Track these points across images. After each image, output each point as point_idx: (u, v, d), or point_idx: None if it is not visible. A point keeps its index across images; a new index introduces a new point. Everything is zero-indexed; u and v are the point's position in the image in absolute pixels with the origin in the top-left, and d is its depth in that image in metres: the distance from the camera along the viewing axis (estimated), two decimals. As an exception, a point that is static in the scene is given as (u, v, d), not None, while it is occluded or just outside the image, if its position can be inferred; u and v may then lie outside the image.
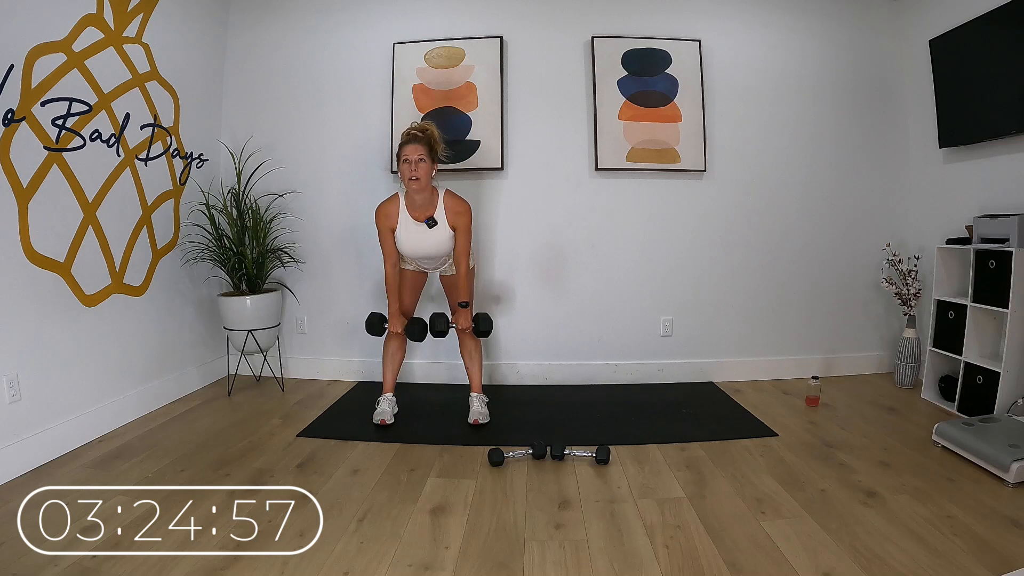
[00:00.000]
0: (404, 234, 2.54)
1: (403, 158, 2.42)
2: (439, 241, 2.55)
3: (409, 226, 2.53)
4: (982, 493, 1.91)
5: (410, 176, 2.40)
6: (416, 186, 2.42)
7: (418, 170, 2.40)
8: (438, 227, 2.52)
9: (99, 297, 2.49)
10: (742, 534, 1.70)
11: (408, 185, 2.44)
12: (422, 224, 2.52)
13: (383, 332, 2.69)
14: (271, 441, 2.44)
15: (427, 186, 2.47)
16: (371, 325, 2.68)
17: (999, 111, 2.62)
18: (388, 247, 2.57)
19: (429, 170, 2.44)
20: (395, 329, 2.62)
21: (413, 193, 2.47)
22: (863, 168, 3.30)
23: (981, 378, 2.53)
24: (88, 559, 1.56)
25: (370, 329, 2.69)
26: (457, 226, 2.54)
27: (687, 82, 3.17)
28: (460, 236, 2.55)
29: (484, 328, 2.71)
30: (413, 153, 2.40)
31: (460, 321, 2.64)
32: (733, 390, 3.13)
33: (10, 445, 2.06)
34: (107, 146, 2.51)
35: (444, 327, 2.62)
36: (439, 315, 2.64)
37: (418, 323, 2.63)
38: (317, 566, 1.55)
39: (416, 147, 2.40)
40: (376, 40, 3.23)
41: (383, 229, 2.55)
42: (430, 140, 2.46)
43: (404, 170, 2.42)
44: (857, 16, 3.26)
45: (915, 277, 3.10)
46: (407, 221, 2.53)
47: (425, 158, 2.41)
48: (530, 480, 2.08)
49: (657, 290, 3.28)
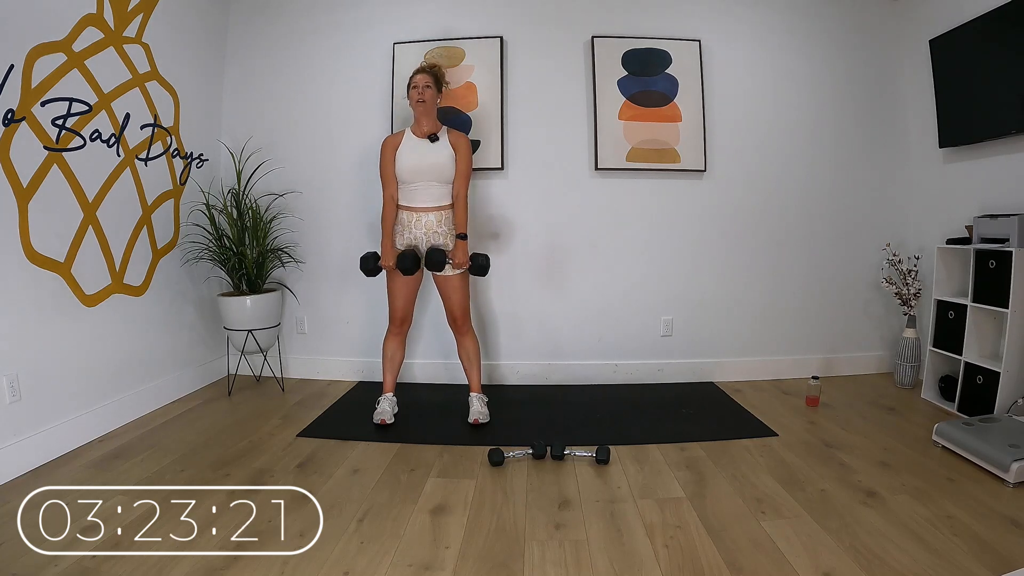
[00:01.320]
0: (406, 150, 2.59)
1: (412, 85, 2.60)
2: (439, 156, 2.58)
3: (411, 142, 2.61)
4: (982, 493, 1.91)
5: (417, 99, 2.57)
6: (422, 108, 2.58)
7: (424, 94, 2.57)
8: (440, 143, 2.61)
9: (99, 297, 2.49)
10: (742, 534, 1.70)
11: (415, 108, 2.60)
12: (424, 140, 2.60)
13: (377, 270, 2.65)
14: (271, 441, 2.44)
15: (432, 111, 2.61)
16: (365, 262, 2.65)
17: (999, 111, 2.62)
18: (388, 172, 2.61)
19: (435, 97, 2.61)
20: (387, 262, 2.59)
21: (420, 115, 2.61)
22: (863, 168, 3.30)
23: (981, 378, 2.53)
24: (88, 559, 1.56)
25: (364, 266, 2.66)
26: (458, 147, 2.62)
27: (687, 82, 3.17)
28: (460, 158, 2.62)
29: (482, 263, 2.66)
30: (421, 81, 2.59)
31: (457, 255, 2.59)
32: (733, 390, 3.13)
33: (10, 445, 2.06)
34: (107, 146, 2.51)
35: (441, 259, 2.54)
36: (436, 248, 2.57)
37: (411, 255, 2.55)
38: (317, 566, 1.55)
39: (424, 76, 2.60)
40: (376, 40, 3.23)
41: (386, 152, 2.62)
42: (437, 74, 2.65)
43: (412, 95, 2.59)
44: (857, 16, 3.26)
45: (915, 277, 3.10)
46: (411, 139, 2.62)
47: (431, 86, 2.59)
48: (530, 480, 2.09)
49: (657, 290, 3.28)
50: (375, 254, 2.66)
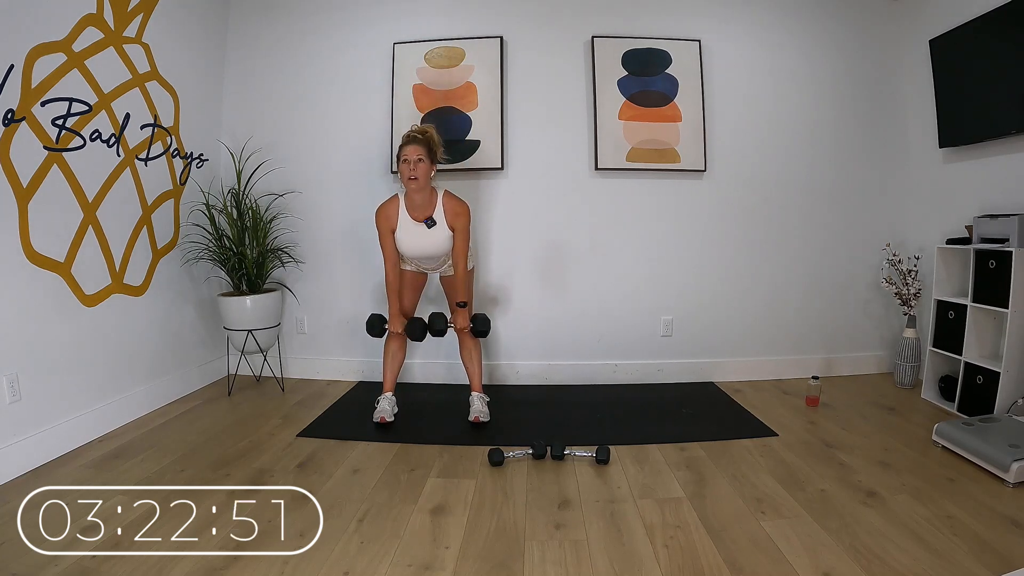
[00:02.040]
0: (404, 234, 2.55)
1: (402, 158, 2.46)
2: (438, 241, 2.56)
3: (409, 226, 2.55)
4: (982, 493, 1.91)
5: (409, 176, 2.44)
6: (415, 186, 2.45)
7: (417, 170, 2.43)
8: (437, 227, 2.54)
9: (99, 297, 2.49)
10: (742, 534, 1.70)
11: (407, 185, 2.47)
12: (421, 224, 2.54)
13: (383, 333, 2.70)
14: (271, 441, 2.44)
15: (425, 186, 2.50)
16: (371, 326, 2.70)
17: (999, 111, 2.62)
18: (388, 248, 2.58)
19: (428, 171, 2.48)
20: (395, 329, 2.64)
21: (412, 193, 2.50)
22: (863, 168, 3.30)
23: (981, 378, 2.53)
24: (88, 559, 1.56)
25: (370, 330, 2.71)
26: (456, 227, 2.55)
27: (687, 82, 3.17)
28: (458, 237, 2.56)
29: (481, 329, 2.71)
30: (412, 154, 2.44)
31: (458, 321, 2.65)
32: (733, 390, 3.13)
33: (10, 445, 2.06)
34: (107, 146, 2.51)
35: (443, 326, 2.63)
36: (438, 314, 2.65)
37: (418, 323, 2.65)
38: (317, 566, 1.55)
39: (415, 148, 2.44)
40: (376, 40, 3.23)
41: (383, 230, 2.57)
42: (429, 142, 2.50)
43: (403, 170, 2.46)
44: (857, 16, 3.26)
45: (915, 277, 3.10)
46: (407, 221, 2.55)
47: (424, 159, 2.45)
48: (530, 480, 2.08)
49: (657, 290, 3.28)
50: (381, 317, 2.70)
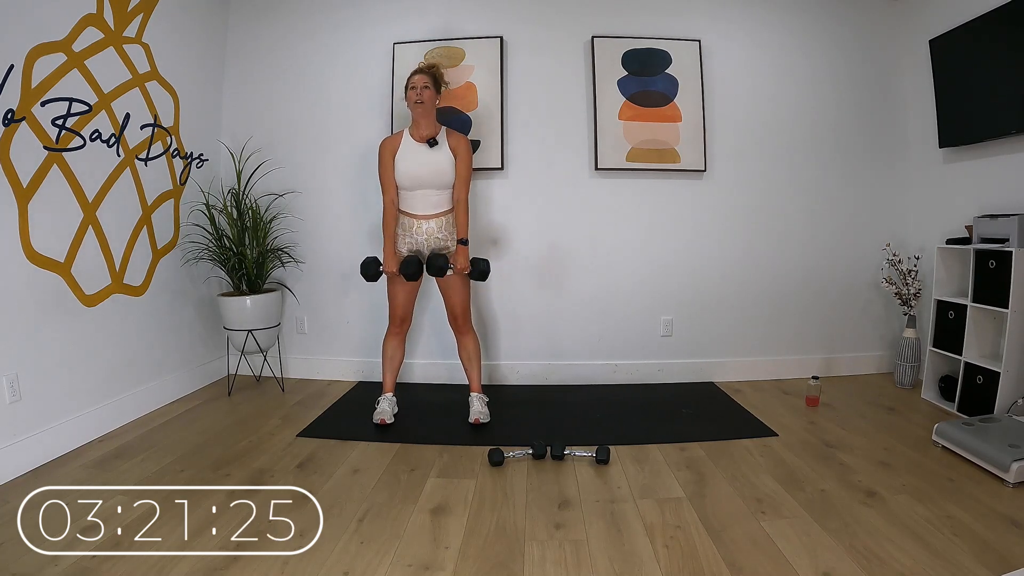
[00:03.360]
0: (405, 155, 2.57)
1: (410, 86, 2.57)
2: (439, 162, 2.56)
3: (411, 146, 2.58)
4: (982, 493, 1.91)
5: (415, 100, 2.54)
6: (420, 110, 2.55)
7: (423, 95, 2.53)
8: (439, 148, 2.58)
9: (99, 297, 2.49)
10: (742, 534, 1.70)
11: (413, 109, 2.56)
12: (423, 144, 2.56)
13: (378, 275, 2.64)
14: (271, 441, 2.44)
15: (431, 112, 2.58)
16: (366, 267, 2.63)
17: (999, 111, 2.62)
18: (388, 178, 2.59)
19: (433, 97, 2.58)
20: (390, 268, 2.59)
21: (417, 117, 2.58)
22: (863, 168, 3.30)
23: (981, 378, 2.53)
24: (88, 559, 1.56)
25: (365, 272, 2.63)
26: (458, 151, 2.60)
27: (687, 82, 3.17)
28: (460, 162, 2.59)
29: (482, 269, 2.66)
30: (419, 81, 2.55)
31: (459, 260, 2.59)
32: (733, 390, 3.13)
33: (10, 445, 2.06)
34: (107, 146, 2.51)
35: (443, 263, 2.53)
36: (437, 253, 2.58)
37: (414, 260, 2.55)
38: (317, 566, 1.55)
39: (422, 76, 2.57)
40: (376, 40, 3.23)
41: (385, 156, 2.59)
42: (435, 74, 2.62)
43: (410, 96, 2.56)
44: (857, 16, 3.26)
45: (915, 277, 3.10)
46: (409, 143, 2.59)
47: (430, 86, 2.56)
48: (530, 480, 2.09)
49: (657, 290, 3.28)
50: (376, 259, 2.64)
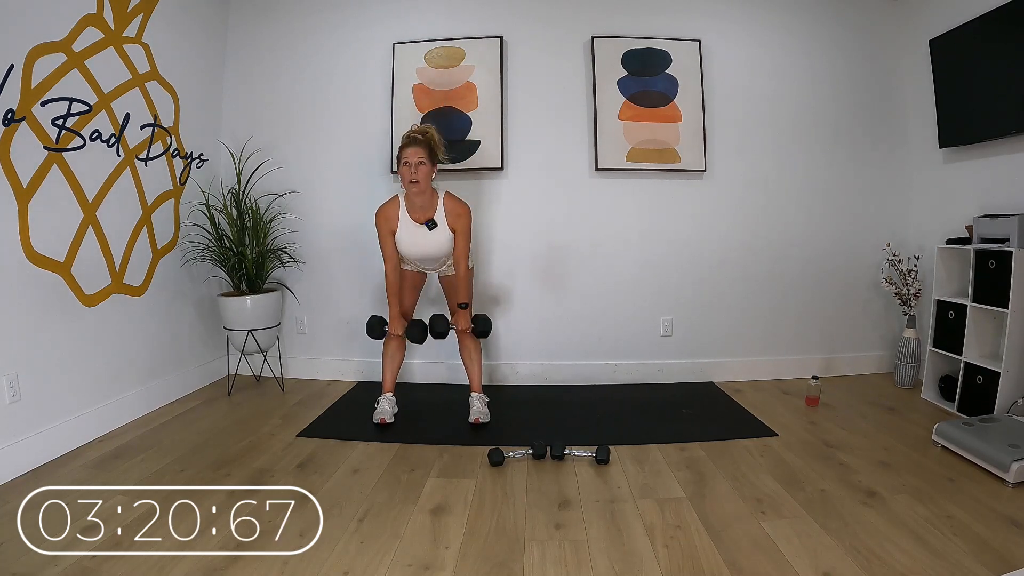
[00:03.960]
0: (404, 236, 2.55)
1: (403, 161, 2.44)
2: (439, 243, 2.56)
3: (409, 227, 2.54)
4: (982, 493, 1.91)
5: (410, 179, 2.42)
6: (416, 189, 2.44)
7: (418, 173, 2.41)
8: (438, 229, 2.54)
9: (99, 297, 2.49)
10: (742, 534, 1.70)
11: (408, 188, 2.46)
12: (422, 226, 2.53)
13: (383, 335, 2.70)
14: (271, 441, 2.44)
15: (427, 188, 2.49)
16: (371, 328, 2.69)
17: (999, 111, 2.62)
18: (388, 249, 2.58)
19: (429, 173, 2.46)
20: (395, 332, 2.64)
21: (413, 196, 2.49)
22: (863, 168, 3.30)
23: (981, 378, 2.53)
24: (88, 559, 1.56)
25: (370, 332, 2.70)
26: (457, 228, 2.55)
27: (687, 82, 3.17)
28: (459, 238, 2.56)
29: (483, 329, 2.72)
30: (413, 156, 2.41)
31: (459, 322, 2.65)
32: (733, 390, 3.13)
33: (10, 445, 2.06)
34: (107, 146, 2.51)
35: (444, 328, 2.63)
36: (438, 316, 2.65)
37: (418, 325, 2.65)
38: (317, 566, 1.55)
39: (416, 150, 2.41)
40: (376, 40, 3.23)
41: (383, 232, 2.56)
42: (430, 143, 2.47)
43: (404, 173, 2.44)
44: (857, 16, 3.26)
45: (915, 277, 3.10)
46: (407, 223, 2.54)
47: (425, 161, 2.43)
48: (530, 480, 2.08)
49: (657, 290, 3.28)
50: (381, 319, 2.69)
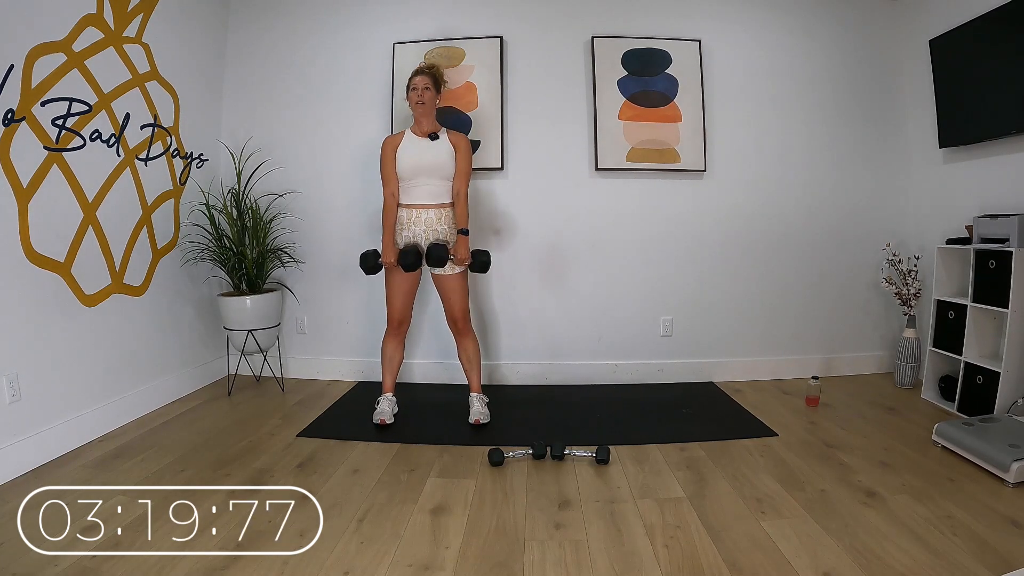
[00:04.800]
0: (406, 149, 2.60)
1: (411, 87, 2.62)
2: (440, 154, 2.60)
3: (412, 141, 2.62)
4: (982, 493, 1.91)
5: (417, 100, 2.59)
6: (422, 109, 2.60)
7: (424, 95, 2.59)
8: (440, 141, 2.62)
9: (99, 297, 2.49)
10: (742, 534, 1.70)
11: (415, 108, 2.62)
12: (425, 138, 2.61)
13: (378, 267, 2.63)
14: (271, 441, 2.44)
15: (432, 111, 2.64)
16: (365, 259, 2.63)
17: (999, 111, 2.62)
18: (389, 170, 2.62)
19: (434, 98, 2.63)
20: (388, 259, 2.58)
21: (419, 116, 2.63)
22: (863, 168, 3.30)
23: (981, 378, 2.53)
24: (88, 559, 1.56)
25: (364, 264, 2.63)
26: (458, 146, 2.64)
27: (687, 82, 3.17)
28: (461, 156, 2.63)
29: (482, 260, 2.65)
30: (420, 83, 2.60)
31: (459, 250, 2.59)
32: (733, 390, 3.13)
33: (10, 445, 2.06)
34: (107, 146, 2.51)
35: (442, 255, 2.52)
36: (437, 244, 2.56)
37: (412, 250, 2.54)
38: (317, 566, 1.55)
39: (423, 78, 2.61)
40: (376, 40, 3.23)
41: (387, 152, 2.63)
42: (435, 75, 2.66)
43: (412, 96, 2.61)
44: (857, 16, 3.26)
45: (915, 277, 3.10)
46: (411, 138, 2.63)
47: (431, 87, 2.61)
48: (530, 480, 2.08)
49: (657, 290, 3.28)
50: (375, 251, 2.65)
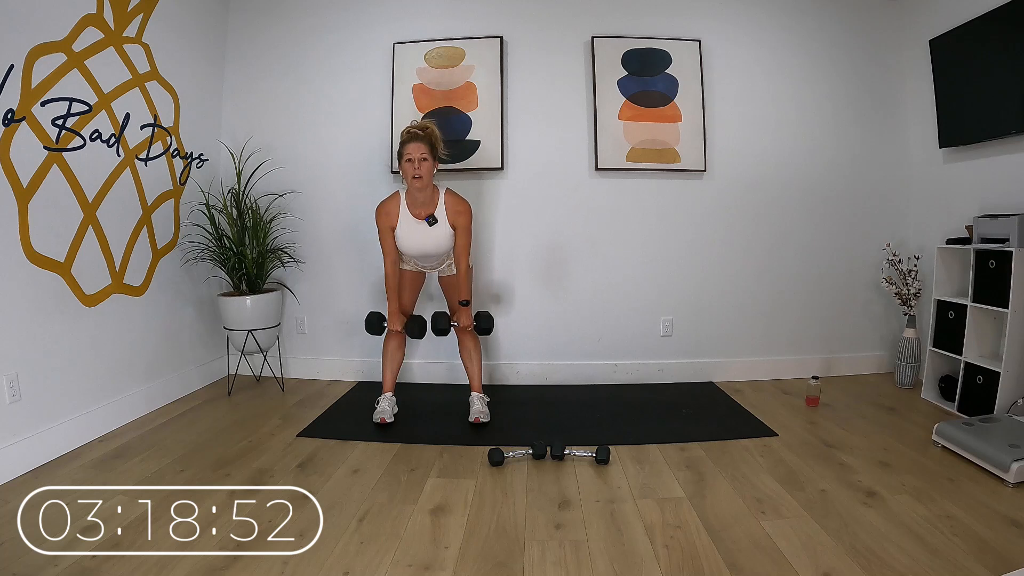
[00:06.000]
0: (404, 232, 2.55)
1: (406, 157, 2.43)
2: (439, 239, 2.56)
3: (410, 223, 2.54)
4: (982, 493, 1.91)
5: (413, 175, 2.42)
6: (419, 184, 2.44)
7: (421, 168, 2.42)
8: (438, 225, 2.53)
9: (99, 297, 2.49)
10: (742, 534, 1.70)
11: (411, 184, 2.45)
12: (423, 222, 2.53)
13: (383, 331, 2.69)
14: (271, 441, 2.44)
15: (429, 184, 2.49)
16: (370, 324, 2.69)
17: (999, 111, 2.62)
18: (388, 246, 2.58)
19: (431, 168, 2.47)
20: (394, 327, 2.62)
21: (415, 191, 2.48)
22: (863, 168, 3.30)
23: (981, 378, 2.53)
24: (88, 559, 1.56)
25: (369, 328, 2.69)
26: (457, 225, 2.55)
27: (687, 82, 3.17)
28: (460, 235, 2.57)
29: (485, 326, 2.71)
30: (416, 152, 2.41)
31: (461, 319, 2.65)
32: (733, 390, 3.13)
33: (10, 445, 2.06)
34: (107, 146, 2.51)
35: (445, 325, 2.62)
36: (440, 314, 2.64)
37: (418, 321, 2.64)
38: (317, 566, 1.55)
39: (419, 145, 2.42)
40: (376, 40, 3.23)
41: (383, 227, 2.56)
42: (431, 138, 2.47)
43: (407, 169, 2.43)
44: (857, 16, 3.26)
45: (915, 277, 3.10)
46: (408, 219, 2.54)
47: (428, 156, 2.43)
48: (530, 480, 2.08)
49: (657, 290, 3.28)
50: (380, 316, 2.68)
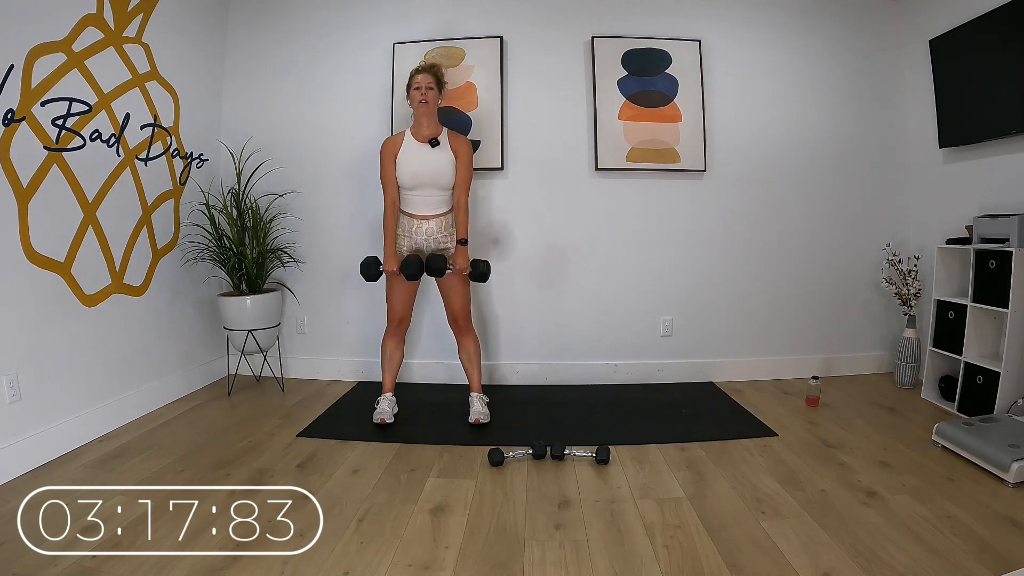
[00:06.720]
0: (406, 156, 2.58)
1: (414, 86, 2.58)
2: (440, 162, 2.57)
3: (412, 147, 2.59)
4: (982, 493, 1.91)
5: (420, 100, 2.55)
6: (425, 109, 2.56)
7: (427, 95, 2.55)
8: (440, 148, 2.58)
9: (99, 297, 2.49)
10: (742, 534, 1.70)
11: (417, 108, 2.58)
12: (425, 144, 2.57)
13: (379, 274, 2.63)
14: (271, 441, 2.44)
15: (434, 111, 2.61)
16: (366, 267, 2.61)
17: (999, 111, 2.62)
18: (389, 177, 2.60)
19: (436, 97, 2.60)
20: (390, 267, 2.58)
21: (421, 116, 2.59)
22: (863, 168, 3.30)
23: (981, 378, 2.53)
24: (88, 559, 1.56)
25: (364, 271, 2.62)
26: (459, 152, 2.61)
27: (687, 82, 3.17)
28: (461, 165, 2.60)
29: (483, 271, 2.66)
30: (423, 81, 2.57)
31: (459, 261, 2.60)
32: (733, 390, 3.13)
33: (10, 445, 2.06)
34: (107, 146, 2.51)
35: (441, 265, 2.54)
36: (437, 255, 2.58)
37: (414, 260, 2.55)
38: (317, 566, 1.55)
39: (426, 76, 2.58)
40: (376, 40, 3.23)
41: (387, 157, 2.61)
42: (437, 74, 2.63)
43: (415, 95, 2.57)
44: (857, 16, 3.26)
45: (915, 277, 3.10)
46: (411, 143, 2.60)
47: (433, 86, 2.58)
48: (530, 480, 2.09)
49: (657, 290, 3.28)
50: (376, 259, 2.63)
